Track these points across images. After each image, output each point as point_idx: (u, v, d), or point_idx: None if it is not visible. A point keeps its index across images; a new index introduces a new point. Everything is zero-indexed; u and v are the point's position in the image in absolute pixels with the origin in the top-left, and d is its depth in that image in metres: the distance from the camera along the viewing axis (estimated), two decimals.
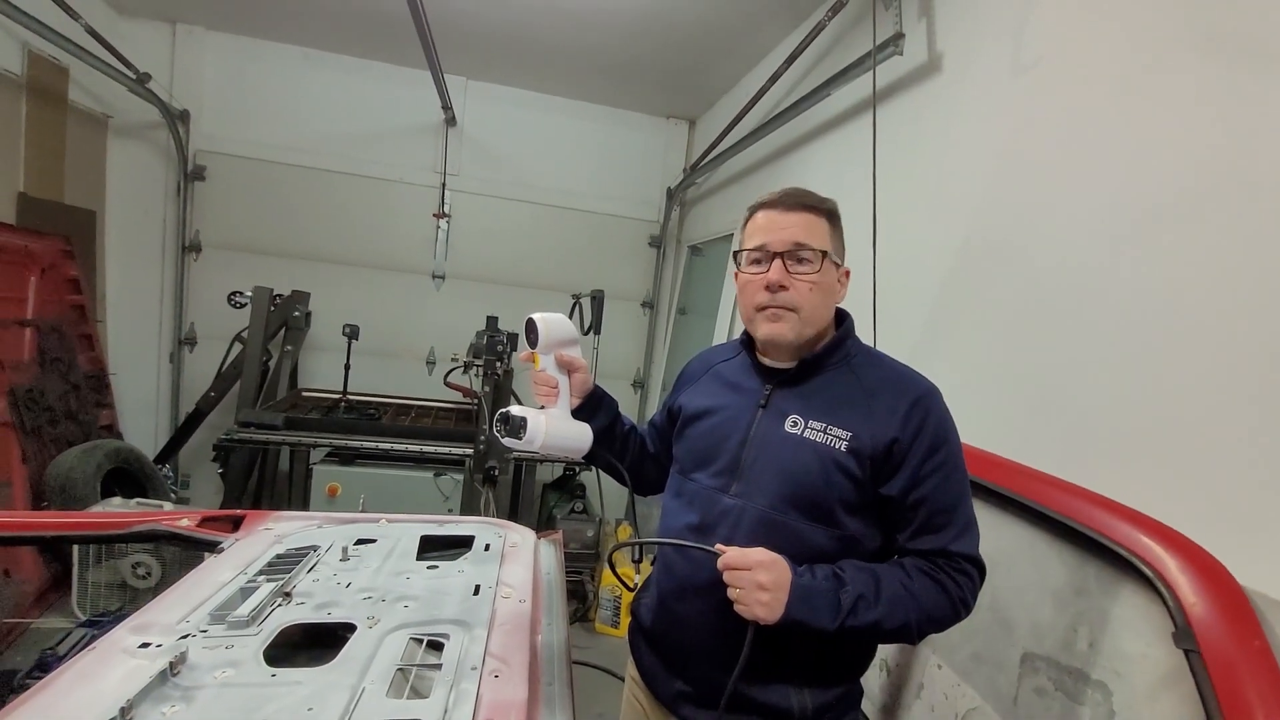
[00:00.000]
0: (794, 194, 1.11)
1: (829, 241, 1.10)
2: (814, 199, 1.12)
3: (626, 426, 1.35)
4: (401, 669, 0.87)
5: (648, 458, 1.38)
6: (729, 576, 0.98)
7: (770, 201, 1.12)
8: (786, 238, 1.08)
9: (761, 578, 0.96)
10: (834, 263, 1.11)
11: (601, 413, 1.26)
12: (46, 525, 1.36)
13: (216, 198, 4.22)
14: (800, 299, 1.07)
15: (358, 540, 1.31)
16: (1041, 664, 1.38)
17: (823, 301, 1.10)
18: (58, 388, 3.39)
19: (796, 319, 1.08)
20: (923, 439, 1.04)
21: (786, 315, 1.09)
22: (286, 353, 3.79)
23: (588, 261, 4.70)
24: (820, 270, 1.08)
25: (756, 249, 1.11)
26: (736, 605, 0.98)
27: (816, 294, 1.08)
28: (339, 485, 3.28)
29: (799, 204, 1.10)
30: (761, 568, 0.97)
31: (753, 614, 0.96)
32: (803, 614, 0.97)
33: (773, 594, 0.96)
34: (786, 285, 1.07)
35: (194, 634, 0.91)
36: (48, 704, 0.74)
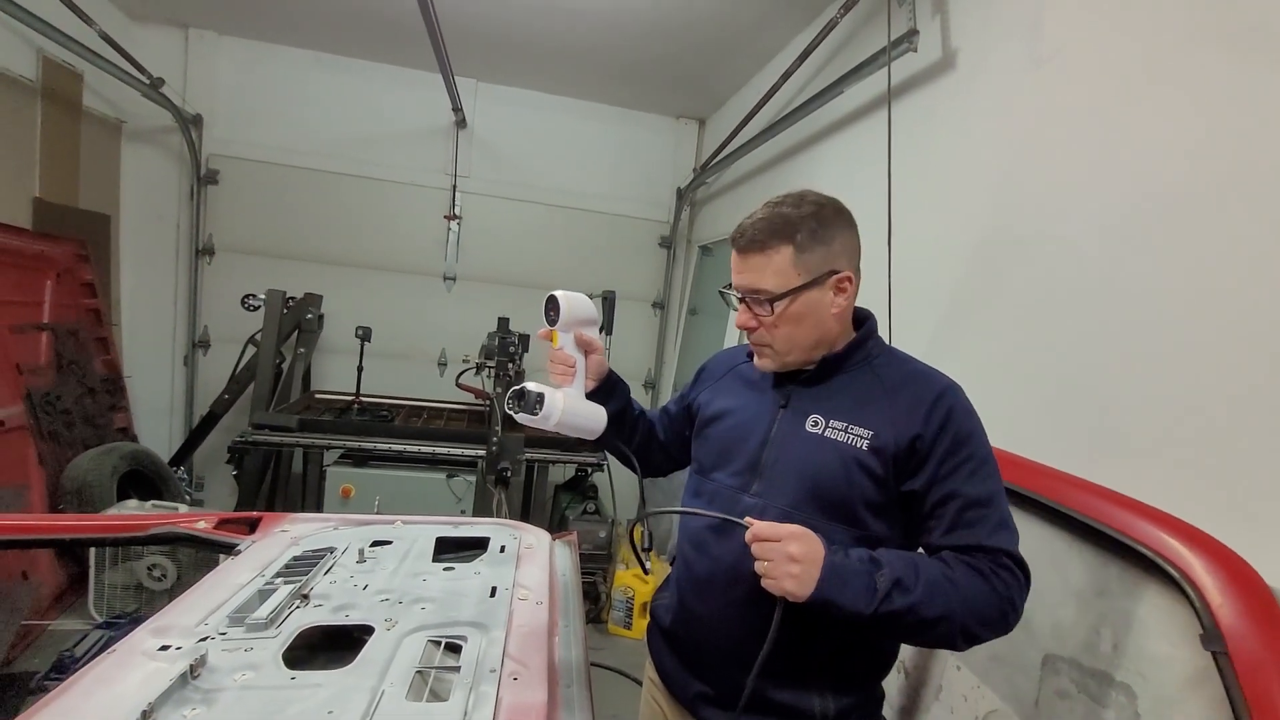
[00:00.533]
0: (751, 229, 1.07)
1: (792, 272, 1.05)
2: (768, 230, 1.05)
3: (637, 412, 1.34)
4: (420, 671, 0.87)
5: (655, 443, 1.38)
6: (758, 549, 0.94)
7: (734, 239, 1.11)
8: (744, 283, 1.09)
9: (793, 549, 0.92)
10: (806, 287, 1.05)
11: (615, 397, 1.25)
12: (64, 528, 1.37)
13: (229, 201, 4.25)
14: (769, 336, 1.09)
15: (374, 542, 1.31)
16: (1063, 666, 1.36)
17: (799, 329, 1.08)
18: (74, 391, 3.42)
19: (773, 353, 1.11)
20: (945, 434, 1.02)
21: (765, 350, 1.12)
22: (299, 355, 3.81)
23: (598, 262, 4.71)
24: (783, 308, 1.06)
25: (728, 287, 1.13)
26: (764, 580, 0.93)
27: (786, 328, 1.08)
28: (353, 487, 3.29)
29: (751, 243, 1.07)
30: (793, 538, 0.92)
31: (781, 588, 0.92)
32: (834, 593, 0.91)
33: (804, 566, 0.91)
34: (752, 326, 1.10)
35: (213, 636, 0.91)
36: (69, 707, 0.74)
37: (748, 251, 1.08)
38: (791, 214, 1.06)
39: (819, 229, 1.06)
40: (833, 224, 1.07)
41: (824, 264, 1.06)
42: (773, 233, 1.06)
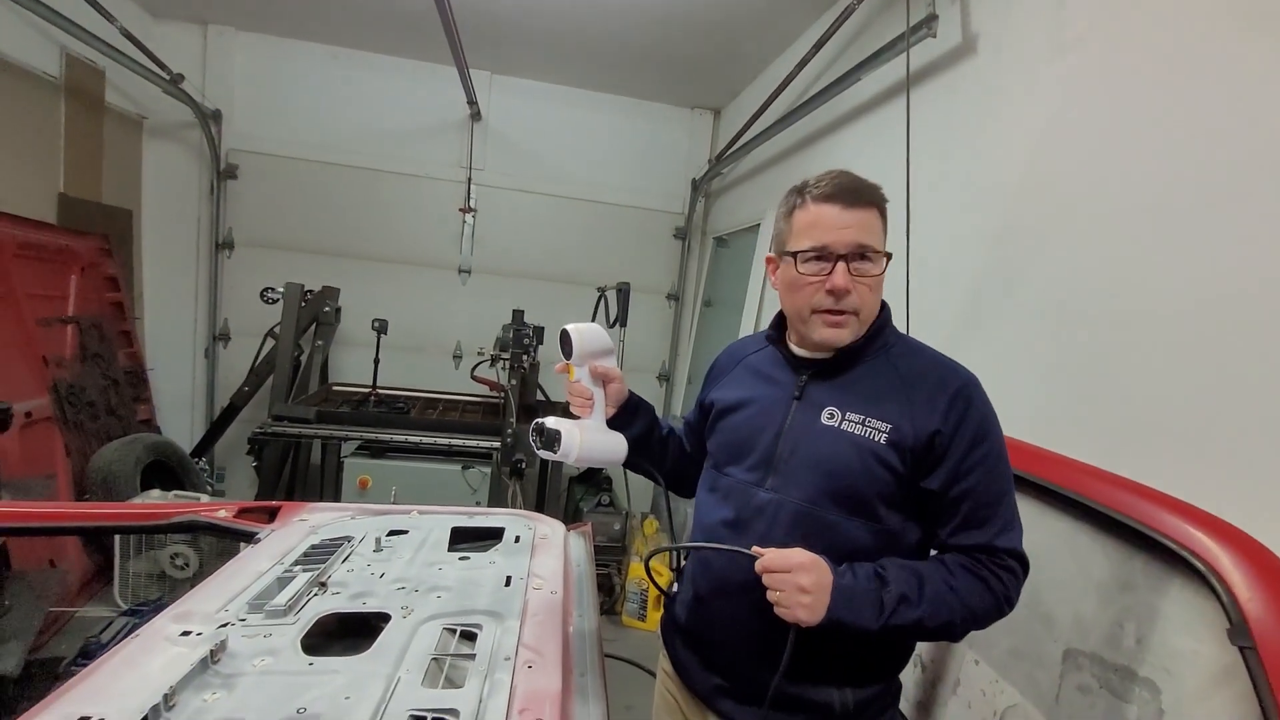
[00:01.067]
0: (850, 186, 1.04)
1: (882, 237, 1.07)
2: (871, 193, 1.06)
3: (664, 430, 1.33)
4: (436, 659, 0.87)
5: (686, 459, 1.37)
6: (769, 579, 0.96)
7: (827, 195, 1.05)
8: (850, 239, 1.03)
9: (803, 580, 0.94)
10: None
11: (638, 420, 1.25)
12: (90, 516, 1.40)
13: (248, 196, 4.29)
14: (863, 301, 1.05)
15: (390, 531, 1.32)
16: (1085, 660, 1.34)
17: (879, 299, 1.08)
18: (98, 383, 3.49)
19: (857, 322, 1.07)
20: (965, 431, 1.01)
21: (849, 320, 1.06)
22: (317, 347, 3.85)
23: (613, 254, 4.70)
24: (882, 270, 1.06)
25: (815, 249, 1.05)
26: (777, 608, 0.96)
27: (875, 294, 1.07)
28: (370, 478, 3.32)
29: (860, 201, 1.04)
30: (802, 570, 0.94)
31: (794, 616, 0.94)
32: (844, 614, 0.95)
33: (814, 596, 0.94)
34: (851, 289, 1.03)
35: (233, 623, 0.92)
36: (95, 689, 0.75)
37: (859, 205, 1.03)
38: (872, 187, 1.06)
39: (886, 205, 1.08)
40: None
41: (886, 240, 1.08)
42: (872, 192, 1.05)
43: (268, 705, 0.74)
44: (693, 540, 1.21)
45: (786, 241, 1.10)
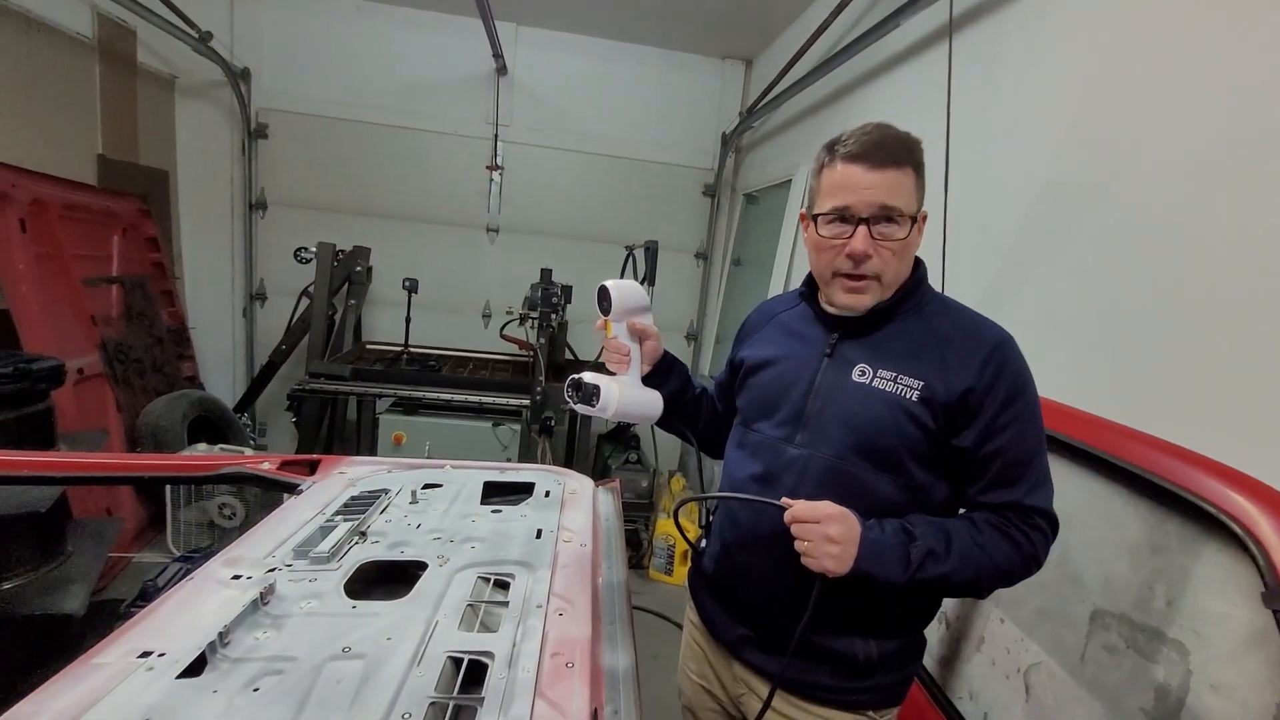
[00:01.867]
0: (880, 144, 0.99)
1: (916, 197, 1.02)
2: (901, 149, 1.01)
3: (697, 390, 1.34)
4: (471, 605, 0.91)
5: (717, 419, 1.37)
6: (797, 529, 0.97)
7: (853, 153, 1.00)
8: (873, 199, 0.99)
9: (831, 530, 0.95)
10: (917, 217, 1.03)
11: (672, 378, 1.25)
12: (144, 467, 1.47)
13: (279, 155, 4.32)
14: (884, 266, 1.02)
15: (425, 485, 1.36)
16: (1113, 621, 1.34)
17: (906, 262, 1.05)
18: (143, 341, 3.61)
19: (878, 287, 1.04)
20: (999, 389, 1.00)
21: (869, 285, 1.03)
22: (350, 306, 3.92)
23: (641, 212, 4.65)
24: (908, 233, 1.01)
25: (837, 210, 1.01)
26: (805, 558, 0.97)
27: (901, 259, 1.03)
28: (404, 434, 3.41)
29: (887, 160, 0.98)
30: (831, 521, 0.96)
31: (821, 566, 0.96)
32: (871, 566, 0.96)
33: (842, 547, 0.95)
34: (871, 254, 1.00)
35: (280, 568, 0.97)
36: (154, 627, 0.80)
37: (886, 165, 0.98)
38: (906, 137, 1.01)
39: (923, 163, 1.03)
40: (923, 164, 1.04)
41: (922, 198, 1.03)
42: (905, 149, 1.00)
43: (315, 644, 0.78)
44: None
45: (814, 201, 1.08)
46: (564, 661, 0.79)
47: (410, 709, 0.68)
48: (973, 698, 1.68)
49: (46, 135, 3.15)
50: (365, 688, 0.71)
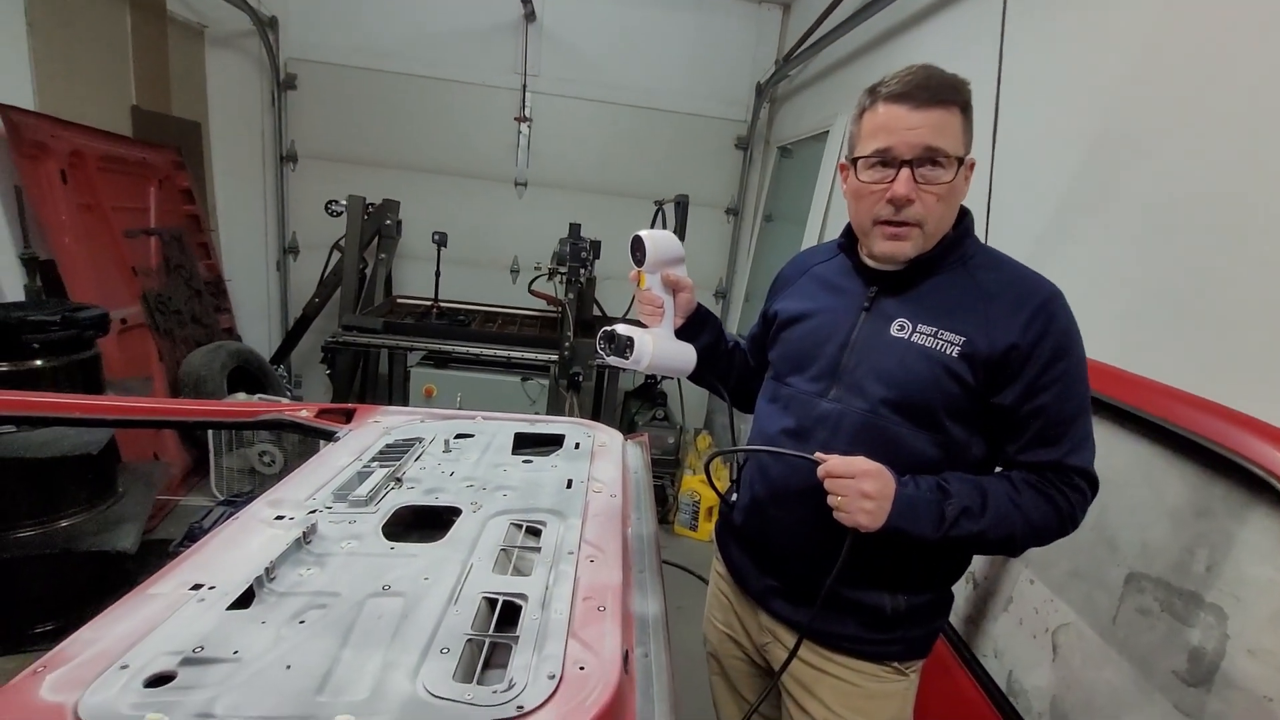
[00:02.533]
0: (924, 83, 0.94)
1: (963, 139, 0.97)
2: (948, 89, 0.95)
3: (730, 344, 1.33)
4: (504, 549, 0.92)
5: (750, 373, 1.36)
6: (831, 484, 0.96)
7: (896, 94, 0.95)
8: (916, 141, 0.94)
9: (866, 486, 0.94)
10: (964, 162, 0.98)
11: (705, 331, 1.24)
12: (190, 411, 1.51)
13: (308, 107, 4.31)
14: (928, 212, 0.97)
15: (457, 435, 1.38)
16: (1148, 584, 1.32)
17: (951, 209, 1.00)
18: (182, 292, 3.69)
19: (920, 235, 0.99)
20: (1044, 346, 0.96)
21: (910, 232, 0.99)
22: (381, 260, 3.94)
23: (671, 166, 4.55)
24: (954, 177, 0.96)
25: (879, 153, 0.97)
26: (837, 513, 0.96)
27: (946, 204, 0.98)
28: (434, 387, 3.46)
29: (932, 99, 0.94)
30: (866, 476, 0.94)
31: (854, 521, 0.95)
32: (904, 523, 0.95)
33: (877, 503, 0.94)
34: (914, 198, 0.96)
35: (321, 509, 0.99)
36: (204, 562, 0.84)
37: (930, 105, 0.93)
38: (953, 78, 0.96)
39: (970, 105, 0.97)
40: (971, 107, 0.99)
41: (969, 143, 0.98)
42: (951, 89, 0.95)
43: (356, 581, 0.81)
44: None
45: (855, 146, 1.03)
46: (596, 605, 0.80)
47: (448, 644, 0.70)
48: (998, 656, 1.69)
49: (81, 86, 3.17)
50: (405, 624, 0.73)
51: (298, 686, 0.62)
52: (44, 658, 0.66)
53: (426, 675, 0.65)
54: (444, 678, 0.65)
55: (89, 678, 0.62)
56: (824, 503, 0.98)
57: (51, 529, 2.20)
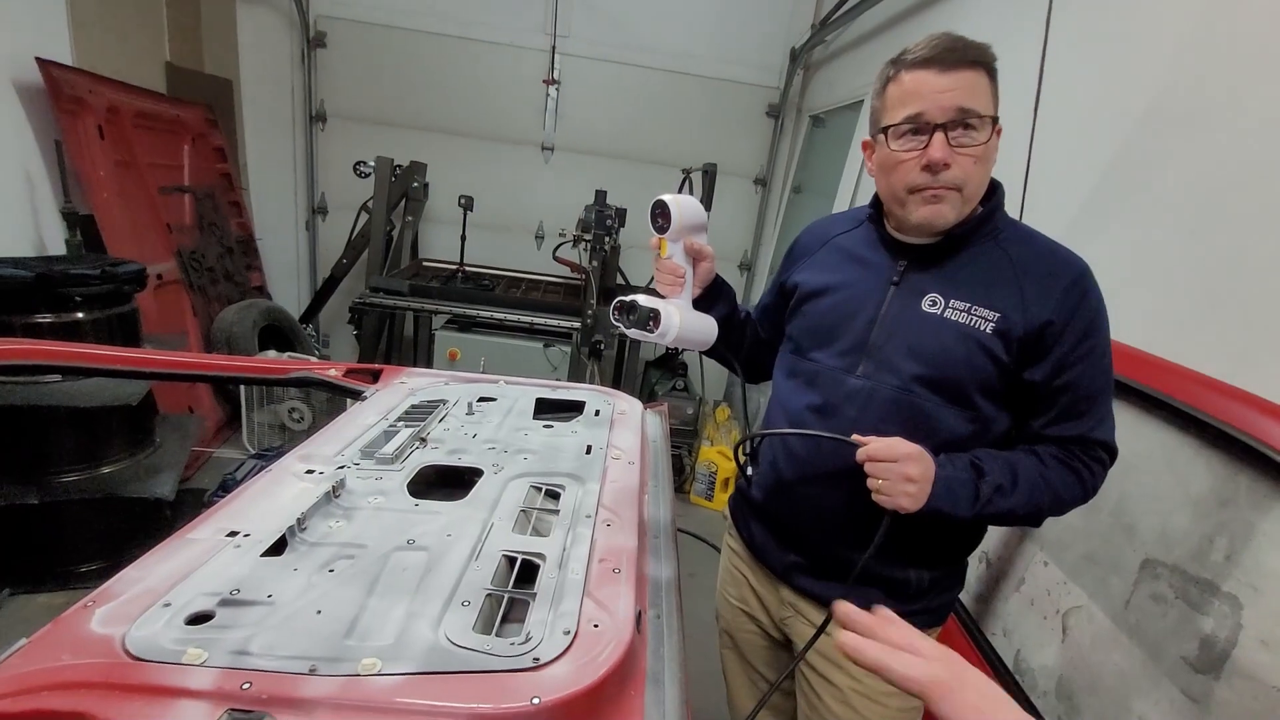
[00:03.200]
0: (949, 47, 0.93)
1: (990, 101, 0.95)
2: (974, 50, 0.94)
3: (743, 315, 1.31)
4: (524, 510, 0.95)
5: (761, 345, 1.35)
6: (872, 468, 0.95)
7: (921, 59, 0.94)
8: (948, 103, 0.92)
9: (910, 470, 0.94)
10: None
11: (721, 302, 1.22)
12: (225, 367, 1.56)
13: (338, 66, 4.31)
14: (966, 175, 0.95)
15: (480, 398, 1.40)
16: (1164, 571, 1.32)
17: (986, 173, 0.98)
18: (215, 250, 3.76)
19: (959, 199, 0.97)
20: (1077, 322, 0.96)
21: (949, 196, 0.96)
22: (408, 223, 3.97)
23: (700, 133, 4.48)
24: (989, 138, 0.95)
25: (910, 120, 0.95)
26: (877, 495, 0.96)
27: (982, 167, 0.96)
28: (458, 350, 3.51)
29: (960, 60, 0.92)
30: (910, 460, 0.94)
31: (895, 504, 0.95)
32: (943, 504, 0.96)
33: (919, 485, 0.95)
34: (950, 162, 0.93)
35: (349, 465, 1.03)
36: (239, 511, 0.88)
37: (959, 67, 0.92)
38: (978, 46, 0.95)
39: (995, 67, 0.96)
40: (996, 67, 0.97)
41: (996, 106, 0.97)
42: (977, 50, 0.94)
43: (382, 535, 0.84)
44: (776, 426, 1.21)
45: (880, 118, 1.01)
46: (611, 567, 0.82)
47: (469, 597, 0.73)
48: (1006, 634, 1.70)
49: (117, 42, 3.20)
50: (428, 576, 0.76)
51: (327, 630, 0.66)
52: (92, 594, 0.70)
53: (448, 625, 0.68)
54: (464, 628, 0.68)
55: (135, 613, 0.67)
56: (856, 483, 0.98)
57: (95, 474, 2.31)
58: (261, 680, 0.59)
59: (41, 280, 2.12)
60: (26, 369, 1.37)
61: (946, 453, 1.00)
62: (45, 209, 2.76)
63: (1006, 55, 1.08)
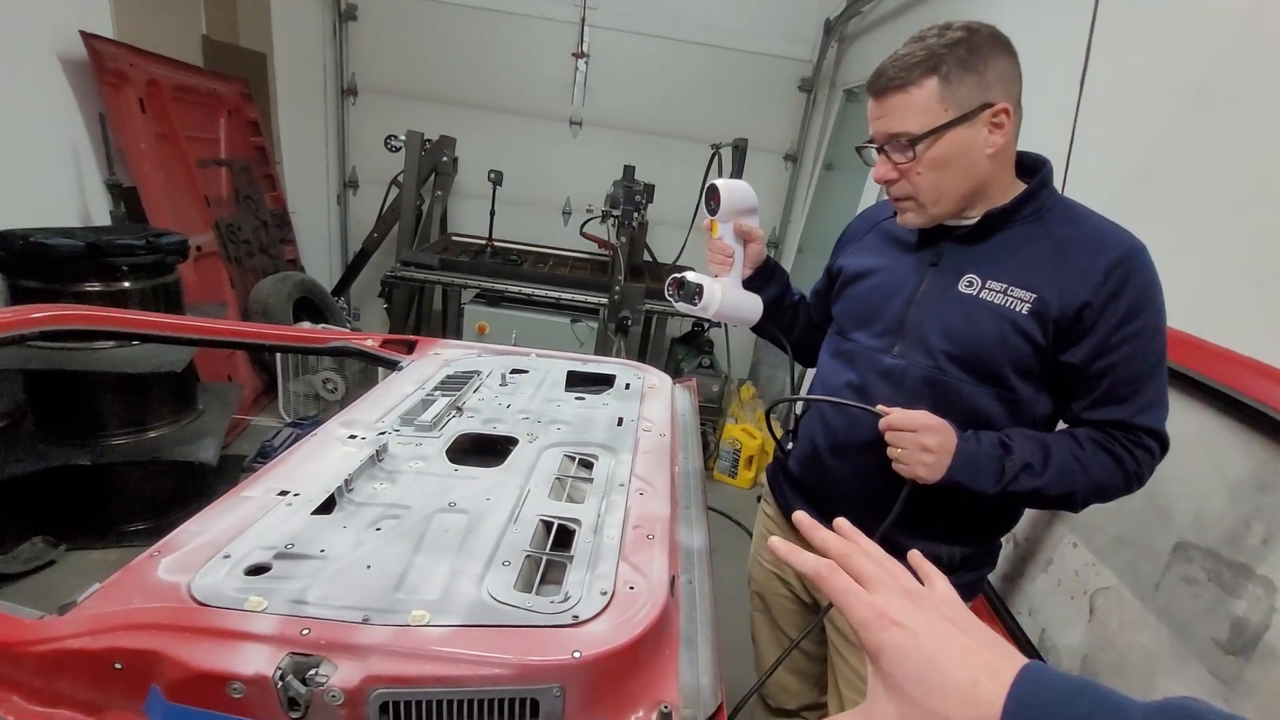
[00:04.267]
0: (880, 72, 0.99)
1: (938, 108, 0.95)
2: (907, 65, 0.95)
3: (795, 297, 1.34)
4: (559, 478, 0.98)
5: (813, 328, 1.37)
6: (892, 437, 0.98)
7: (869, 83, 1.02)
8: (881, 130, 1.00)
9: (927, 440, 0.95)
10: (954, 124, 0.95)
11: (773, 283, 1.26)
12: (268, 335, 1.61)
13: (368, 39, 4.32)
14: (917, 186, 1.00)
15: (512, 370, 1.43)
16: (1197, 554, 1.31)
17: (949, 175, 0.98)
18: (250, 223, 3.83)
19: (917, 205, 1.02)
20: (1119, 304, 0.94)
21: (906, 204, 1.04)
22: (437, 198, 4.00)
23: (730, 107, 4.42)
24: (925, 151, 0.97)
25: (868, 141, 1.04)
26: (896, 465, 0.99)
27: (931, 175, 0.98)
28: (487, 324, 3.55)
29: (887, 86, 0.98)
30: (928, 430, 0.96)
31: (912, 473, 0.97)
32: (963, 476, 0.97)
33: (937, 456, 0.96)
34: (892, 178, 1.02)
35: (389, 431, 1.06)
36: (287, 473, 0.92)
37: (886, 93, 0.99)
38: (935, 44, 0.95)
39: (969, 56, 0.94)
40: (985, 50, 0.95)
41: (976, 96, 0.95)
42: (913, 66, 0.95)
43: (425, 497, 0.87)
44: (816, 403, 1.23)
45: None
46: (645, 534, 0.85)
47: (509, 558, 0.76)
48: (1031, 614, 1.71)
49: (155, 15, 3.25)
50: (470, 537, 0.79)
51: (378, 584, 0.69)
52: (157, 544, 0.74)
53: (490, 583, 0.71)
54: (506, 587, 0.71)
55: (198, 563, 0.71)
56: (885, 455, 1.00)
57: (142, 438, 2.40)
58: (319, 627, 0.62)
59: (91, 250, 2.19)
60: (85, 334, 1.43)
61: (977, 430, 1.00)
62: (90, 181, 2.84)
63: (1051, 27, 1.05)
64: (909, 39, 0.99)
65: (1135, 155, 1.74)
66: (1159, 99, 1.69)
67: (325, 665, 0.60)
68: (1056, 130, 1.77)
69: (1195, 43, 1.62)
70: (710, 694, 0.70)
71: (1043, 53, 0.99)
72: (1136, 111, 1.75)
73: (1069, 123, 1.73)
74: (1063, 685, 0.40)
